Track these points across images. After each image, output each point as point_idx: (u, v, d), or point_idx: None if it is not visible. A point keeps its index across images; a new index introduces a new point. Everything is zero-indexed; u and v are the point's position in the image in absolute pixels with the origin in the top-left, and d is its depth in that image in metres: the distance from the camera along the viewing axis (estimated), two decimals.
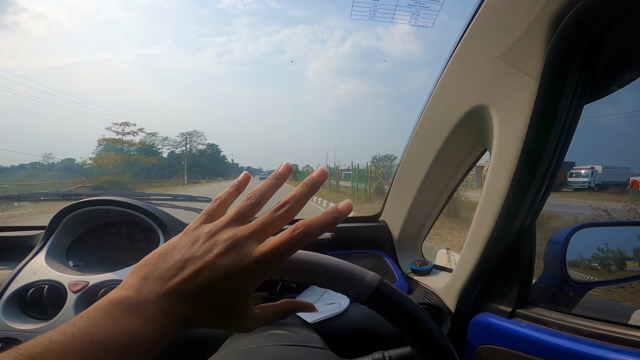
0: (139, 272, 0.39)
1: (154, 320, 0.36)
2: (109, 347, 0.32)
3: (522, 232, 0.78)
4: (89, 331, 0.32)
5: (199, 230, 0.42)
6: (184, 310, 0.37)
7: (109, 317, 0.34)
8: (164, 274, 0.38)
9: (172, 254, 0.40)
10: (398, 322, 0.50)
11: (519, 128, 0.68)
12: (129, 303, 0.36)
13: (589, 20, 0.54)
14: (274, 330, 0.88)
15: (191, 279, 0.37)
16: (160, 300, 0.37)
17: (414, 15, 0.80)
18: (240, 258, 0.38)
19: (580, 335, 0.65)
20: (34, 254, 1.11)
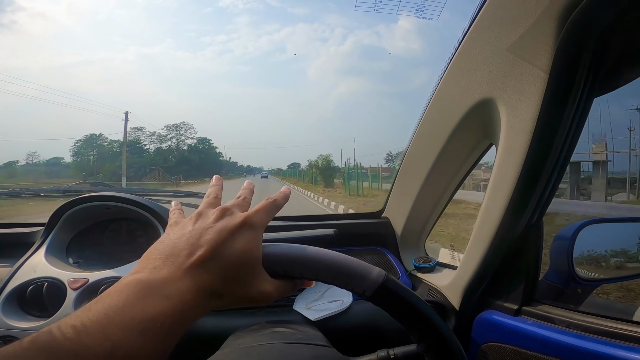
0: (152, 255, 0.41)
1: (174, 299, 0.36)
2: (127, 327, 0.32)
3: (529, 229, 0.77)
4: (105, 314, 0.32)
5: (186, 219, 0.47)
6: (201, 280, 0.38)
7: (125, 299, 0.34)
8: (178, 252, 0.40)
9: (173, 235, 0.43)
10: (404, 319, 0.49)
11: (527, 121, 0.66)
12: (146, 284, 0.36)
13: (599, 13, 0.53)
14: (277, 328, 0.87)
15: (203, 245, 0.40)
16: (179, 278, 0.37)
17: (420, 8, 0.79)
18: (236, 215, 0.45)
19: (588, 332, 0.64)
20: (34, 251, 1.10)
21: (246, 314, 1.04)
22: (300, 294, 1.11)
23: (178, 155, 45.42)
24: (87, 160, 41.29)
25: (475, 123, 0.86)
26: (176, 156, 44.78)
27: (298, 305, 1.07)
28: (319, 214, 1.62)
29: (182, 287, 0.37)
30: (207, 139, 52.14)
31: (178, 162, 44.41)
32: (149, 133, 46.07)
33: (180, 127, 47.53)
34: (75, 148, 44.27)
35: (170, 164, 43.97)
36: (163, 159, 44.45)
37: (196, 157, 47.49)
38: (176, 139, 45.84)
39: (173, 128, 47.90)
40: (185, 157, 45.91)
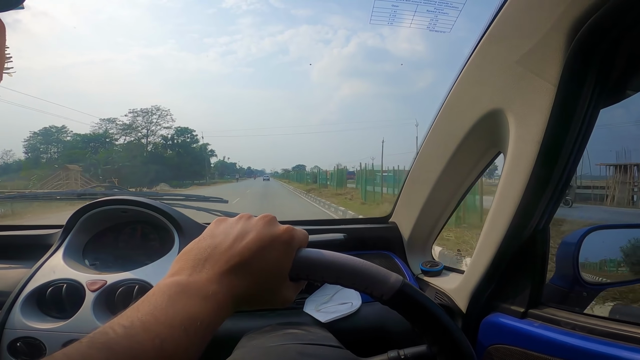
0: (185, 257, 0.44)
1: (209, 300, 0.39)
2: (172, 325, 0.35)
3: (535, 234, 0.79)
4: (152, 313, 0.35)
5: (233, 218, 0.49)
6: (236, 285, 0.41)
7: (168, 299, 0.37)
8: (218, 257, 0.43)
9: (214, 238, 0.45)
10: (419, 322, 0.51)
11: (535, 132, 0.69)
12: (184, 285, 0.39)
13: (607, 28, 0.56)
14: (289, 329, 0.89)
15: (242, 250, 0.43)
16: (213, 279, 0.40)
17: (432, 21, 0.82)
18: (278, 228, 0.47)
19: (594, 334, 0.66)
20: (52, 253, 1.13)
21: (257, 316, 1.06)
22: (310, 296, 1.14)
23: (148, 153, 33.11)
24: (44, 157, 31.27)
25: (484, 132, 0.88)
26: (148, 154, 32.85)
27: (308, 307, 1.09)
28: (328, 219, 1.64)
29: (217, 291, 0.40)
30: (188, 129, 38.49)
31: (148, 161, 32.44)
32: (121, 125, 33.30)
33: (152, 112, 33.71)
34: (30, 143, 33.17)
35: (134, 163, 32.26)
36: (128, 156, 32.38)
37: (173, 156, 34.53)
38: (146, 129, 31.36)
39: (141, 114, 34.66)
40: (156, 155, 33.32)
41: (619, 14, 0.53)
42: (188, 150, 37.70)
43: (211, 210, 1.47)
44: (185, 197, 1.49)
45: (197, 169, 38.95)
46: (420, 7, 0.78)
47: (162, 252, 1.14)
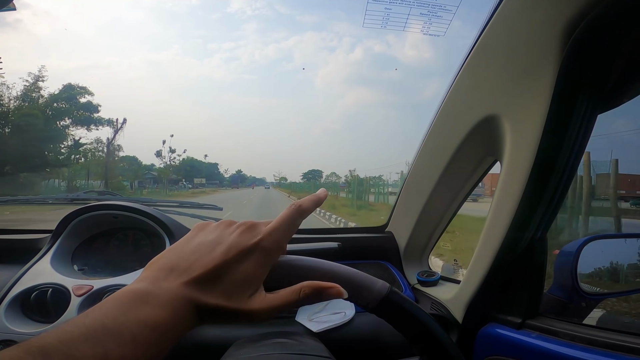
0: (152, 267, 0.42)
1: (167, 308, 0.36)
2: (119, 333, 0.32)
3: (533, 243, 0.77)
4: (100, 320, 0.33)
5: (213, 224, 0.47)
6: (200, 296, 0.39)
7: (121, 306, 0.35)
8: (178, 263, 0.41)
9: (185, 246, 0.44)
10: (407, 330, 0.50)
11: (531, 138, 0.68)
12: (143, 293, 0.37)
13: (601, 31, 0.55)
14: (279, 339, 0.88)
15: (207, 262, 0.40)
16: (175, 288, 0.38)
17: (426, 24, 0.81)
18: (252, 236, 0.43)
19: (593, 345, 0.64)
20: (40, 257, 1.11)
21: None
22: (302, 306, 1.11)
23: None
24: None
25: (480, 140, 0.87)
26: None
27: (300, 316, 1.07)
28: (323, 228, 1.62)
29: (176, 300, 0.37)
30: (74, 86, 22.80)
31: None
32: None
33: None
34: None
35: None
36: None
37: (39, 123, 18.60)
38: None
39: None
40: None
41: (614, 14, 0.53)
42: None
43: (205, 217, 1.45)
44: (179, 204, 1.48)
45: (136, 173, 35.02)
46: (414, 10, 0.78)
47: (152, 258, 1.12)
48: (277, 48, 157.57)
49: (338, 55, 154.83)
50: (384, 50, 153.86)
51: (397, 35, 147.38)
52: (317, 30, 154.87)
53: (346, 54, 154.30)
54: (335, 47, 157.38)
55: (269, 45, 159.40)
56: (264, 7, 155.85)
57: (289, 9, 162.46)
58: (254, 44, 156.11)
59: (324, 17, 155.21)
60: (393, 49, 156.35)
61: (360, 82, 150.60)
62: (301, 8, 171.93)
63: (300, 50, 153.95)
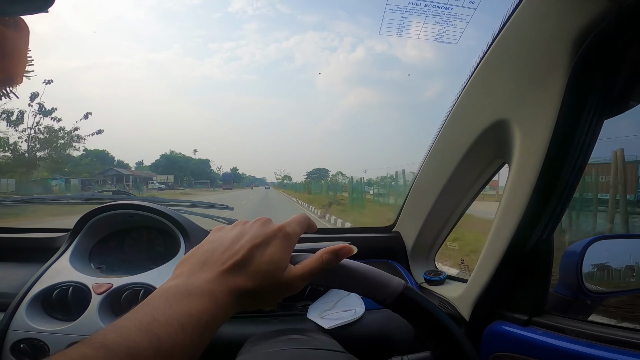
0: (184, 264, 0.46)
1: (208, 297, 0.40)
2: (169, 324, 0.36)
3: (539, 243, 0.80)
4: (150, 313, 0.36)
5: (230, 225, 0.51)
6: (237, 282, 0.43)
7: (166, 300, 0.39)
8: (210, 257, 0.45)
9: (212, 243, 0.48)
10: (421, 326, 0.52)
11: (540, 143, 0.70)
12: (182, 286, 0.41)
13: (610, 40, 0.58)
14: (292, 335, 0.90)
15: (237, 251, 0.45)
16: (211, 279, 0.42)
17: (440, 33, 0.83)
18: (271, 226, 0.48)
19: (599, 341, 0.66)
20: (59, 256, 1.14)
21: (260, 322, 1.06)
22: (313, 303, 1.14)
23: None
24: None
25: (490, 142, 0.90)
26: None
27: (312, 313, 1.10)
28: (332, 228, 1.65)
29: (216, 288, 0.41)
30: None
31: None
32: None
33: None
34: None
35: None
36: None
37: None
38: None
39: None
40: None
41: (624, 26, 0.55)
42: None
43: (215, 217, 1.48)
44: (191, 204, 1.51)
45: None
46: (429, 19, 0.80)
47: (167, 257, 1.15)
48: (278, 48, 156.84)
49: (339, 55, 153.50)
50: (385, 50, 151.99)
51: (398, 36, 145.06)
52: (319, 30, 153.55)
53: (347, 53, 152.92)
54: (337, 47, 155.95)
55: (270, 45, 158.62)
56: (265, 7, 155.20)
57: (290, 9, 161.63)
58: (254, 43, 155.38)
59: (325, 17, 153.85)
60: (394, 49, 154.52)
61: (362, 82, 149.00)
62: (302, 7, 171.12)
63: (302, 50, 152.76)
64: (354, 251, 0.50)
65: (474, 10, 0.78)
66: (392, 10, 0.77)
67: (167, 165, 42.98)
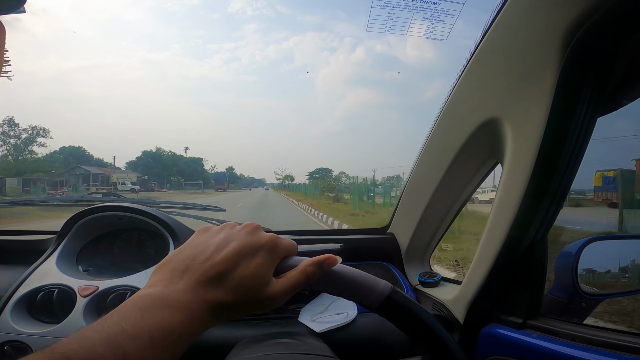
0: (163, 269, 0.43)
1: (184, 311, 0.38)
2: (138, 337, 0.33)
3: (534, 244, 0.78)
4: (119, 325, 0.34)
5: (217, 227, 0.49)
6: (213, 295, 0.40)
7: (139, 310, 0.36)
8: (190, 264, 0.42)
9: (195, 248, 0.45)
10: (409, 330, 0.50)
11: (532, 141, 0.69)
12: (157, 296, 0.38)
13: (601, 35, 0.56)
14: (282, 339, 0.88)
15: (220, 261, 0.42)
16: (188, 290, 0.39)
17: (429, 29, 0.82)
18: (260, 236, 0.46)
19: (594, 345, 0.65)
20: (45, 258, 1.12)
21: (251, 325, 1.05)
22: (305, 306, 1.12)
23: None
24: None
25: (482, 142, 0.88)
26: None
27: (303, 317, 1.08)
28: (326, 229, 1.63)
29: (192, 301, 0.39)
30: None
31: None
32: None
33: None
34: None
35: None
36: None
37: None
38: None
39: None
40: None
41: (615, 20, 0.54)
42: None
43: (207, 219, 1.46)
44: (182, 205, 1.49)
45: None
46: (417, 15, 0.79)
47: (156, 259, 1.13)
48: (277, 48, 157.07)
49: (339, 55, 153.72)
50: (385, 50, 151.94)
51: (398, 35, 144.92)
52: (318, 30, 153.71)
53: (347, 54, 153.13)
54: (336, 47, 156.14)
55: (270, 45, 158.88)
56: (265, 7, 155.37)
57: (290, 9, 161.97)
58: (254, 44, 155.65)
59: (325, 17, 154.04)
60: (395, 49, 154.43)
61: (363, 82, 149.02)
62: (302, 8, 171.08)
63: (301, 51, 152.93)
64: (338, 261, 0.48)
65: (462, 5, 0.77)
66: (379, 6, 0.76)
67: (150, 164, 39.35)
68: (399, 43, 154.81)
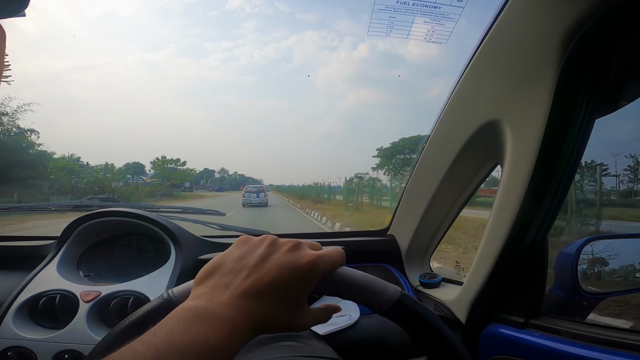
0: (206, 282, 0.44)
1: (227, 326, 0.38)
2: (186, 353, 0.34)
3: (534, 244, 0.79)
4: (168, 339, 0.35)
5: (257, 239, 0.48)
6: (253, 310, 0.41)
7: (185, 324, 0.37)
8: (232, 280, 0.43)
9: (235, 263, 0.45)
10: (418, 333, 0.51)
11: (532, 142, 0.70)
12: (202, 310, 0.39)
13: (600, 37, 0.57)
14: (286, 342, 0.88)
15: (261, 279, 0.42)
16: (232, 305, 0.40)
17: (429, 32, 0.83)
18: (302, 256, 0.45)
19: (595, 343, 0.65)
20: (46, 264, 1.12)
21: None
22: None
23: None
24: None
25: (481, 144, 0.89)
26: None
27: None
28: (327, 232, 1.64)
29: (235, 316, 0.39)
30: None
31: None
32: None
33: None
34: None
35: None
36: None
37: None
38: None
39: None
40: None
41: (613, 22, 0.55)
42: None
43: (207, 223, 1.46)
44: (182, 210, 1.49)
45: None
46: (417, 19, 0.80)
47: (157, 264, 1.14)
48: (276, 48, 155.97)
49: (340, 54, 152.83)
50: (388, 48, 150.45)
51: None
52: (318, 29, 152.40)
53: (349, 52, 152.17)
54: (337, 46, 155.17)
55: (269, 44, 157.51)
56: (264, 4, 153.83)
57: (289, 7, 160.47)
58: (252, 43, 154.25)
59: (325, 15, 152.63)
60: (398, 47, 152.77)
61: (364, 82, 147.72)
62: (301, 6, 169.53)
63: (301, 50, 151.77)
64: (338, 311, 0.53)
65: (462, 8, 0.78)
66: (380, 10, 0.77)
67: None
68: (400, 42, 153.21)
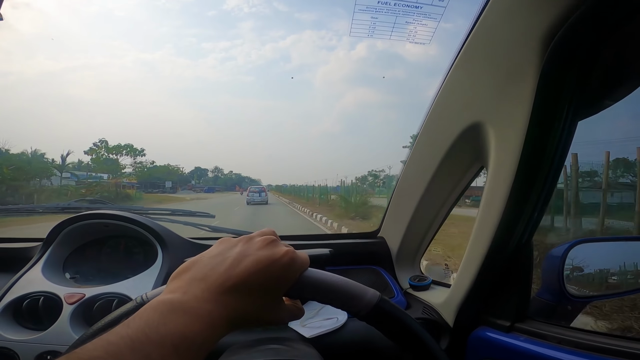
0: (182, 276, 0.43)
1: (204, 319, 0.38)
2: (162, 345, 0.34)
3: (520, 247, 0.79)
4: (143, 331, 0.34)
5: (235, 239, 0.48)
6: (229, 304, 0.41)
7: (160, 316, 0.36)
8: (209, 274, 0.42)
9: (213, 258, 0.45)
10: (397, 338, 0.51)
11: (514, 145, 0.69)
12: (178, 303, 0.38)
13: (580, 36, 0.57)
14: (271, 344, 0.88)
15: (238, 273, 0.42)
16: (208, 298, 0.40)
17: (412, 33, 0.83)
18: (277, 251, 0.45)
19: (580, 348, 0.65)
20: (31, 265, 1.11)
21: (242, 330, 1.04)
22: None
23: None
24: None
25: (467, 146, 0.89)
26: None
27: (293, 322, 1.07)
28: (315, 234, 1.63)
29: (212, 310, 0.39)
30: None
31: None
32: None
33: None
34: None
35: None
36: None
37: None
38: None
39: None
40: None
41: (592, 22, 0.54)
42: None
43: (198, 225, 1.45)
44: (171, 212, 1.48)
45: None
46: (399, 19, 0.80)
47: (145, 266, 1.13)
48: (274, 47, 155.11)
49: (338, 53, 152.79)
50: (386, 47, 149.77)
51: None
52: (316, 28, 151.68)
53: (347, 51, 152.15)
54: (335, 46, 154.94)
55: (266, 44, 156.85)
56: (262, 4, 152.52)
57: (287, 6, 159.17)
58: (250, 43, 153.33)
59: (323, 15, 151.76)
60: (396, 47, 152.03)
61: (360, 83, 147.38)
62: (299, 5, 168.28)
63: (299, 50, 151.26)
64: None
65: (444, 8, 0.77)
66: (361, 10, 0.77)
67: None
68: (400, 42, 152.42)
